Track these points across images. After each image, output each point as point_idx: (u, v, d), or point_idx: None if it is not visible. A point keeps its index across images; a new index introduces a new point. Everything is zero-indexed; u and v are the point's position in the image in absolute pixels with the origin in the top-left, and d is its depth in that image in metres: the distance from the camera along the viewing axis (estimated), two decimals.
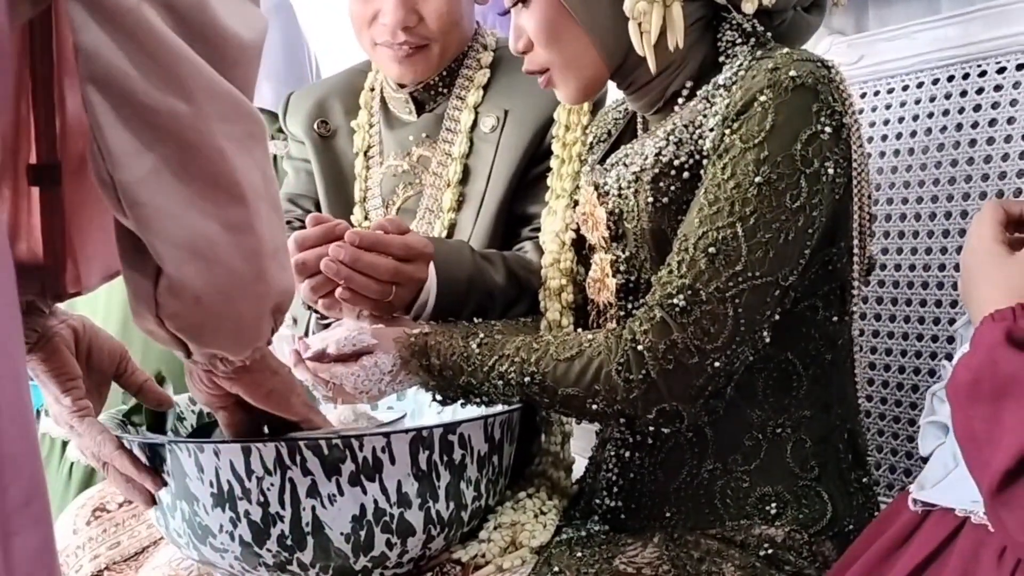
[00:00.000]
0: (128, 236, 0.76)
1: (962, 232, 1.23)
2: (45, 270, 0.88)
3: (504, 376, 1.04)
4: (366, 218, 1.51)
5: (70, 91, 0.82)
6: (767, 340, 0.99)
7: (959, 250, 1.13)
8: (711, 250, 0.96)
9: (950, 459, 0.89)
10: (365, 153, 1.52)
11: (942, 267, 1.27)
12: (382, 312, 1.16)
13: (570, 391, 1.01)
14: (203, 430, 1.18)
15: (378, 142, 1.52)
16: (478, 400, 1.08)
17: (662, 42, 1.03)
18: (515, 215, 1.43)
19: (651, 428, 1.08)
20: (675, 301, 0.97)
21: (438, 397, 1.10)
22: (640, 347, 0.97)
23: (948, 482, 0.88)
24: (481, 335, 1.08)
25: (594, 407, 1.01)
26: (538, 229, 1.36)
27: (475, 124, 1.44)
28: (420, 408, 1.26)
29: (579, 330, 1.15)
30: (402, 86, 1.48)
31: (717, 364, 0.97)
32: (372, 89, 1.54)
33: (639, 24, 1.02)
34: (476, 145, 1.43)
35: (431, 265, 1.18)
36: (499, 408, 1.08)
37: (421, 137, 1.48)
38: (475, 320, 1.18)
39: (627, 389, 0.98)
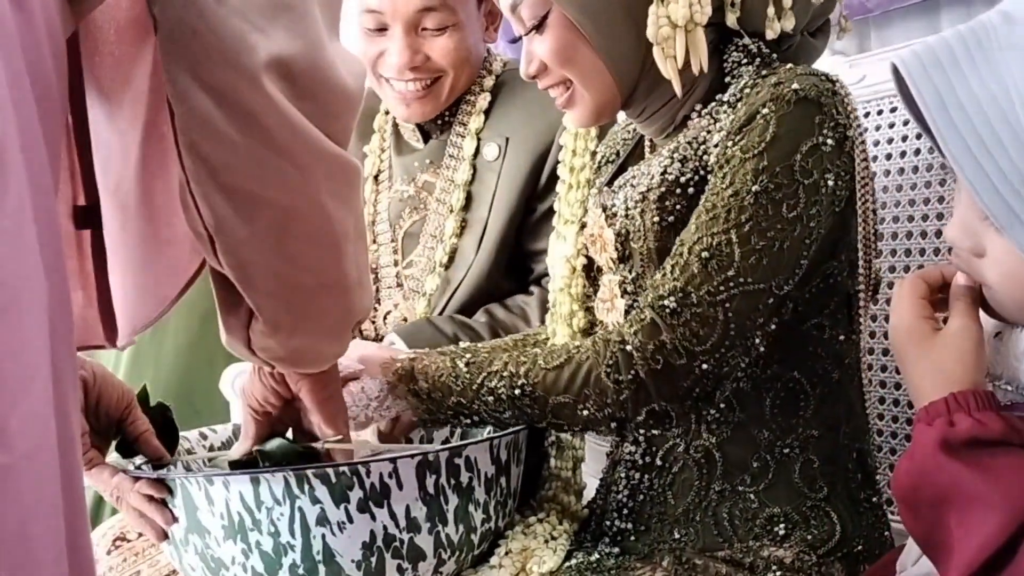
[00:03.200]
0: (222, 280, 0.76)
1: None
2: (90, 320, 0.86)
3: (494, 392, 1.05)
4: (374, 241, 1.52)
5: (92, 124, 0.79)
6: (761, 348, 1.00)
7: None
8: (704, 255, 0.97)
9: None
10: (375, 177, 1.54)
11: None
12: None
13: (561, 399, 1.02)
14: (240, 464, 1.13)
15: (388, 167, 1.54)
16: (468, 421, 1.09)
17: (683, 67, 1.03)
18: (523, 249, 1.44)
19: (642, 431, 1.08)
20: (666, 303, 0.97)
21: (427, 420, 1.11)
22: (629, 347, 0.98)
23: (925, 561, 0.85)
24: (468, 356, 1.10)
25: (585, 412, 1.01)
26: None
27: (478, 151, 1.45)
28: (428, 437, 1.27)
29: (565, 342, 1.16)
30: None
31: (705, 367, 0.97)
32: (387, 112, 1.56)
33: (663, 49, 1.02)
34: (479, 172, 1.45)
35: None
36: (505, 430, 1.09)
37: (426, 163, 1.49)
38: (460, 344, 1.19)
39: (617, 391, 0.98)
